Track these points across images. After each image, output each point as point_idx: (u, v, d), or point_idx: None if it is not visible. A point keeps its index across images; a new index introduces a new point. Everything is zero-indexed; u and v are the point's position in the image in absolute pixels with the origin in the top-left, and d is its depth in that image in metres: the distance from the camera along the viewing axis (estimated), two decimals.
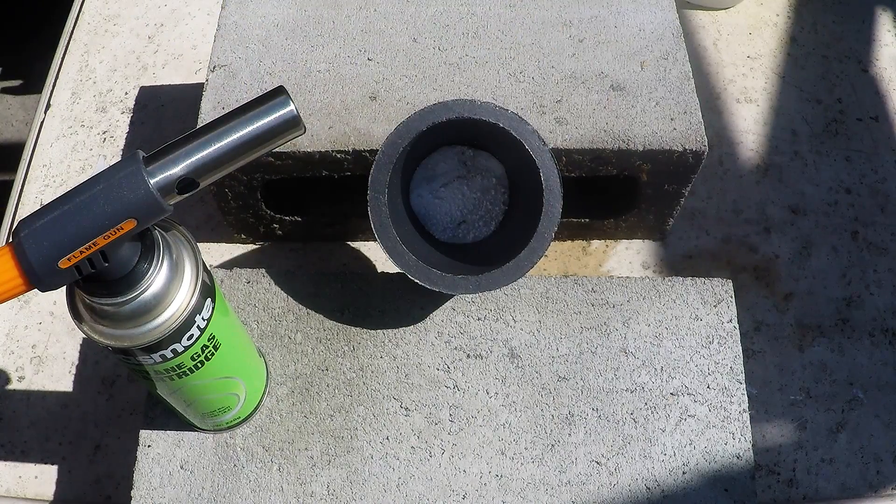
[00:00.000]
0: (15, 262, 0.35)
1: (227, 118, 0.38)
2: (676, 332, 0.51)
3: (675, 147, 0.53)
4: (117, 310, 0.38)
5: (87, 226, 0.36)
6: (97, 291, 0.38)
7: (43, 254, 0.35)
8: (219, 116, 0.38)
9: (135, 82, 0.74)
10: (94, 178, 0.36)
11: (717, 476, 0.47)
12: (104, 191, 0.36)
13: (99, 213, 0.36)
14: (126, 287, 0.38)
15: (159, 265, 0.39)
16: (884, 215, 0.67)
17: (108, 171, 0.36)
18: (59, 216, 0.36)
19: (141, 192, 0.36)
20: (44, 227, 0.35)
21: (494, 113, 0.47)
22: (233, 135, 0.37)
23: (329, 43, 0.57)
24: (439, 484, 0.47)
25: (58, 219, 0.36)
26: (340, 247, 0.65)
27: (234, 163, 0.38)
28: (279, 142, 0.38)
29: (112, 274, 0.37)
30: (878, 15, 0.79)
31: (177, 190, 0.37)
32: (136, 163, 0.36)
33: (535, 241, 0.47)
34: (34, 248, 0.35)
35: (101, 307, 0.38)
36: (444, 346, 0.50)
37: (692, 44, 0.76)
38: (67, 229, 0.36)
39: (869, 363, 0.60)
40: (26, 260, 0.35)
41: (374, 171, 0.47)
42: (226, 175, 0.49)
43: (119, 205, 0.36)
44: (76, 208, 0.36)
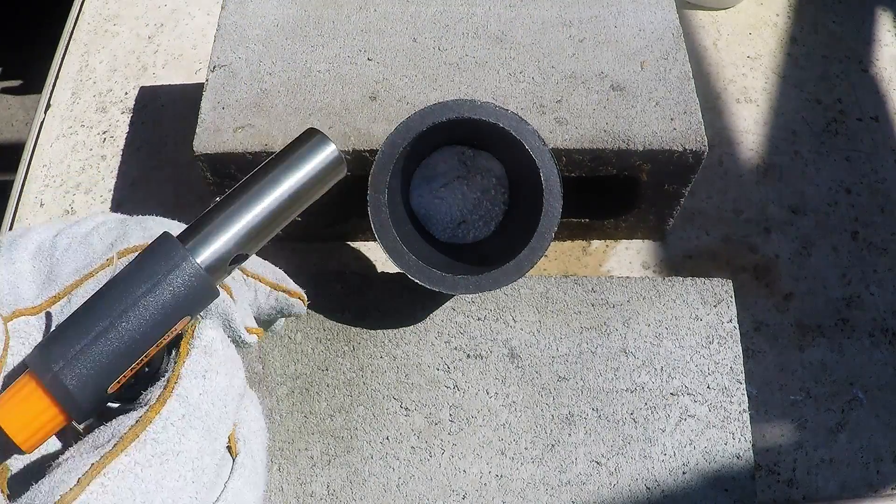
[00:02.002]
0: (52, 401, 0.30)
1: (266, 170, 0.34)
2: (676, 332, 0.51)
3: (675, 147, 0.53)
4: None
5: (139, 340, 0.31)
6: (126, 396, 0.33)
7: (89, 386, 0.30)
8: (254, 171, 0.34)
9: (135, 82, 0.74)
10: (130, 279, 0.31)
11: (717, 476, 0.47)
12: (153, 293, 0.31)
13: (151, 321, 0.31)
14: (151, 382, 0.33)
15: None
16: (884, 215, 0.67)
17: (145, 266, 0.31)
18: (102, 337, 0.30)
19: (197, 285, 0.32)
20: (84, 355, 0.30)
21: (494, 113, 0.47)
22: (277, 190, 0.33)
23: (329, 43, 0.57)
24: (439, 484, 0.47)
25: (100, 341, 0.30)
26: (340, 247, 0.65)
27: (283, 222, 0.34)
28: (324, 189, 0.35)
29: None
30: (878, 15, 0.79)
31: (228, 268, 0.33)
32: (178, 248, 0.32)
33: (535, 241, 0.47)
34: (76, 381, 0.30)
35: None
36: (444, 346, 0.50)
37: (692, 44, 0.76)
38: (116, 350, 0.31)
39: (869, 363, 0.61)
40: (69, 398, 0.30)
41: (374, 171, 0.47)
42: (226, 175, 0.48)
43: (173, 306, 0.31)
44: (121, 323, 0.31)
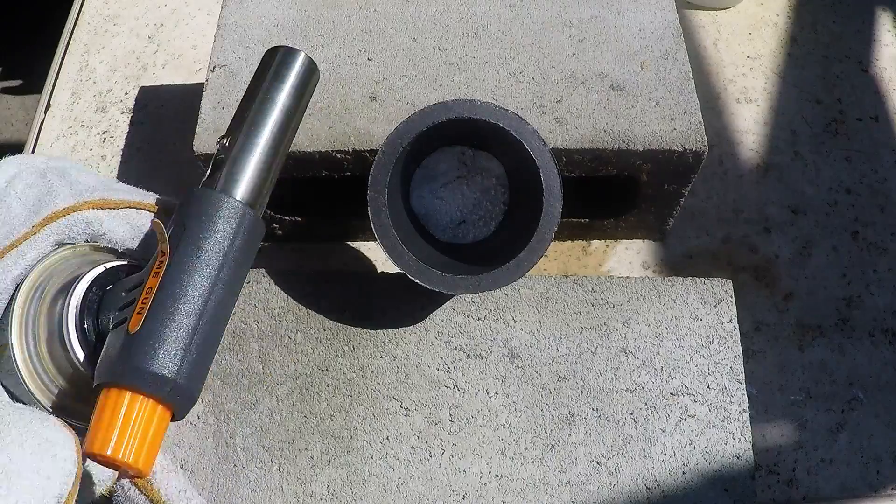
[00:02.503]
0: (169, 411, 0.31)
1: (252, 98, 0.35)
2: (676, 332, 0.51)
3: (675, 147, 0.53)
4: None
5: (227, 312, 0.32)
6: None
7: (201, 377, 0.31)
8: (242, 104, 0.35)
9: (135, 82, 0.74)
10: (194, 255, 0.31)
11: (717, 476, 0.47)
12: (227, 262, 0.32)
13: (232, 290, 0.32)
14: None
15: None
16: (884, 215, 0.67)
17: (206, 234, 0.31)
18: (199, 328, 0.31)
19: (257, 231, 0.33)
20: (190, 353, 0.30)
21: (494, 113, 0.47)
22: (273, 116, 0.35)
23: (329, 43, 0.57)
24: (439, 484, 0.47)
25: (200, 332, 0.31)
26: (340, 247, 0.65)
27: (289, 144, 0.35)
28: (310, 96, 0.36)
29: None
30: (878, 15, 0.79)
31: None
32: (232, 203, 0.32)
33: (535, 241, 0.47)
34: (194, 381, 0.31)
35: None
36: (444, 346, 0.50)
37: (692, 44, 0.76)
38: (214, 332, 0.32)
39: (869, 363, 0.60)
40: (191, 401, 0.31)
41: (374, 171, 0.47)
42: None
43: (245, 264, 0.33)
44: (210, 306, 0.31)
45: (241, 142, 0.34)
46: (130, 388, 0.30)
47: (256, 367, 0.49)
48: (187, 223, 0.32)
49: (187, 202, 0.33)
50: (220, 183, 0.33)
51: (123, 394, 0.30)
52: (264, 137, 0.35)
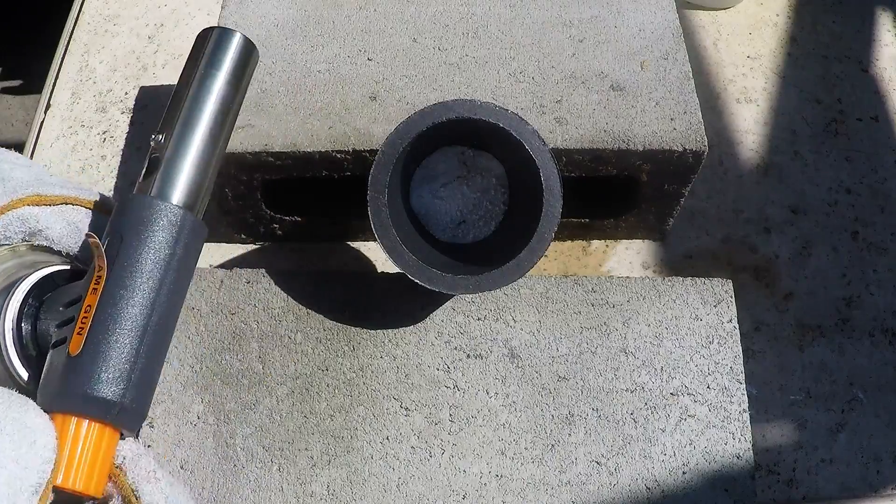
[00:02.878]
0: (118, 433, 0.30)
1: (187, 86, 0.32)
2: (676, 332, 0.50)
3: (675, 147, 0.53)
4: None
5: (173, 319, 0.31)
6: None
7: (150, 394, 0.31)
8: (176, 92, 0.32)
9: (135, 82, 0.74)
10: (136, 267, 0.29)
11: (717, 476, 0.47)
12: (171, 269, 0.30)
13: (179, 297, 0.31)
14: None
15: None
16: (884, 215, 0.67)
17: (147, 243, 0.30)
18: (144, 344, 0.30)
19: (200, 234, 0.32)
20: (137, 371, 0.29)
21: (494, 113, 0.47)
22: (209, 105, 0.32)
23: (329, 43, 0.57)
24: (439, 484, 0.47)
25: (145, 348, 0.30)
26: (340, 247, 0.65)
27: (229, 130, 0.33)
28: (249, 79, 0.33)
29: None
30: (878, 15, 0.79)
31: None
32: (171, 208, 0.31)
33: (535, 241, 0.47)
34: (142, 400, 0.30)
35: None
36: (444, 346, 0.50)
37: (692, 44, 0.76)
38: (161, 344, 0.31)
39: (869, 363, 0.60)
40: (140, 420, 0.31)
41: (374, 171, 0.47)
42: (226, 175, 0.47)
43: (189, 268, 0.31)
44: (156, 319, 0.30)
45: (176, 140, 0.32)
46: (75, 413, 0.29)
47: (256, 367, 0.49)
48: (124, 234, 0.30)
49: (122, 210, 0.31)
50: (155, 187, 0.32)
51: (68, 420, 0.29)
52: (200, 133, 0.32)
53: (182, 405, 0.48)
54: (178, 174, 0.32)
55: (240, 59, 0.33)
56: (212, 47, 0.33)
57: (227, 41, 0.33)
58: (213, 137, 0.32)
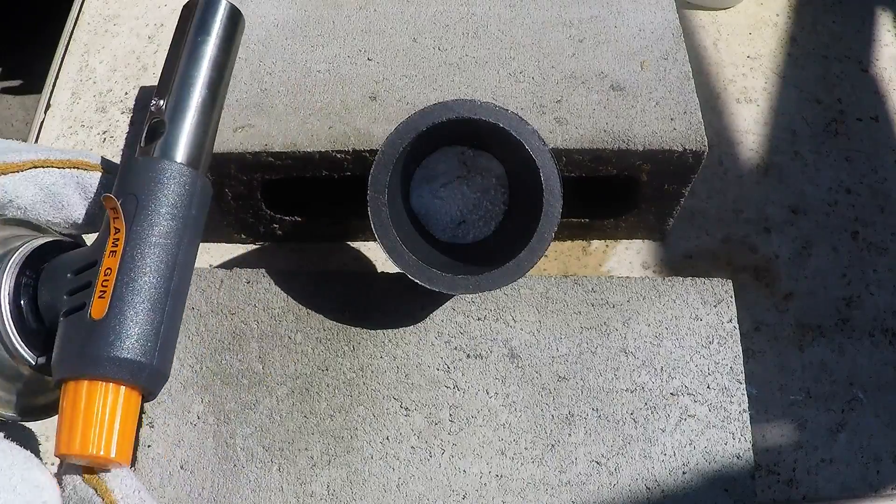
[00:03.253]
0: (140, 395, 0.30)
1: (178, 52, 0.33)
2: (676, 332, 0.50)
3: (675, 147, 0.53)
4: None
5: (187, 284, 0.32)
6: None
7: (171, 355, 0.31)
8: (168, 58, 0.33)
9: (135, 82, 0.74)
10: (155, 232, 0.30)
11: (717, 476, 0.47)
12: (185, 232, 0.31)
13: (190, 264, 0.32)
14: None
15: None
16: (884, 215, 0.67)
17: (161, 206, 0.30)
18: (167, 308, 0.30)
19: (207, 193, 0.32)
20: (159, 335, 0.30)
21: (494, 113, 0.47)
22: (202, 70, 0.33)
23: (329, 43, 0.57)
24: (439, 484, 0.47)
25: (168, 312, 0.30)
26: (340, 247, 0.65)
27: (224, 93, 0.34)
28: (237, 45, 0.34)
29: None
30: (878, 15, 0.79)
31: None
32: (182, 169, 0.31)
33: (535, 241, 0.47)
34: (166, 362, 0.30)
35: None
36: (444, 346, 0.50)
37: (692, 44, 0.76)
38: (179, 308, 0.31)
39: (869, 363, 0.61)
40: (163, 380, 0.31)
41: (374, 171, 0.47)
42: (226, 175, 0.48)
43: (199, 228, 0.32)
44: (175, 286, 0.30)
45: (175, 103, 0.32)
46: (103, 378, 0.29)
47: (256, 367, 0.49)
48: (139, 196, 0.30)
49: (131, 172, 0.31)
50: (159, 149, 0.32)
51: (95, 385, 0.29)
52: (197, 95, 0.33)
53: (182, 405, 0.48)
54: (181, 135, 0.32)
55: (228, 23, 0.34)
56: (200, 14, 0.34)
57: (215, 7, 0.34)
58: (211, 98, 0.33)
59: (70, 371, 0.29)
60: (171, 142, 0.32)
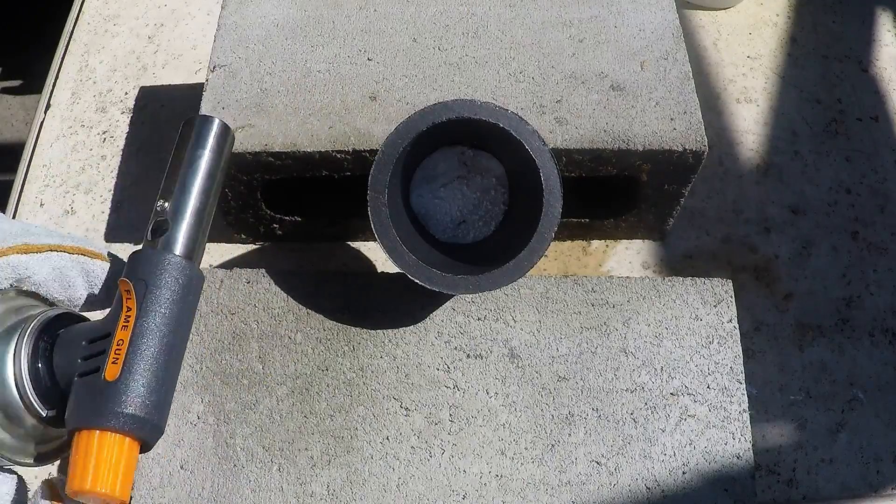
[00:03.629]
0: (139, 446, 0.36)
1: (177, 167, 0.40)
2: (676, 332, 0.50)
3: (675, 147, 0.53)
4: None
5: (181, 352, 0.38)
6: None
7: (165, 423, 0.36)
8: (168, 173, 0.40)
9: (135, 82, 0.74)
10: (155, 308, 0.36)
11: (717, 476, 0.47)
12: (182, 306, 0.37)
13: (186, 329, 0.38)
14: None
15: None
16: (884, 215, 0.67)
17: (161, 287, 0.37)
18: (165, 370, 0.36)
19: (199, 279, 0.39)
20: (159, 393, 0.36)
21: (494, 113, 0.47)
22: (197, 180, 0.40)
23: (329, 43, 0.57)
24: (439, 484, 0.47)
25: (166, 374, 0.36)
26: (340, 247, 0.65)
27: (215, 198, 0.41)
28: (228, 154, 0.42)
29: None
30: (878, 15, 0.79)
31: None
32: (181, 261, 0.38)
33: (535, 241, 0.47)
34: (163, 418, 0.36)
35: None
36: (444, 346, 0.50)
37: (692, 44, 0.76)
38: (175, 371, 0.37)
39: (869, 363, 0.60)
40: (159, 433, 0.36)
41: (374, 171, 0.47)
42: (226, 175, 0.50)
43: (193, 308, 0.39)
44: (172, 353, 0.37)
45: (176, 206, 0.40)
46: (112, 429, 0.34)
47: (256, 367, 0.49)
48: (147, 281, 0.37)
49: (141, 262, 0.38)
50: (164, 243, 0.39)
51: (105, 434, 0.34)
52: (195, 201, 0.40)
53: (182, 405, 0.48)
54: (180, 233, 0.39)
55: (220, 138, 0.41)
56: (197, 130, 0.41)
57: (209, 125, 0.41)
58: (204, 202, 0.41)
59: (84, 422, 0.35)
60: (173, 239, 0.39)
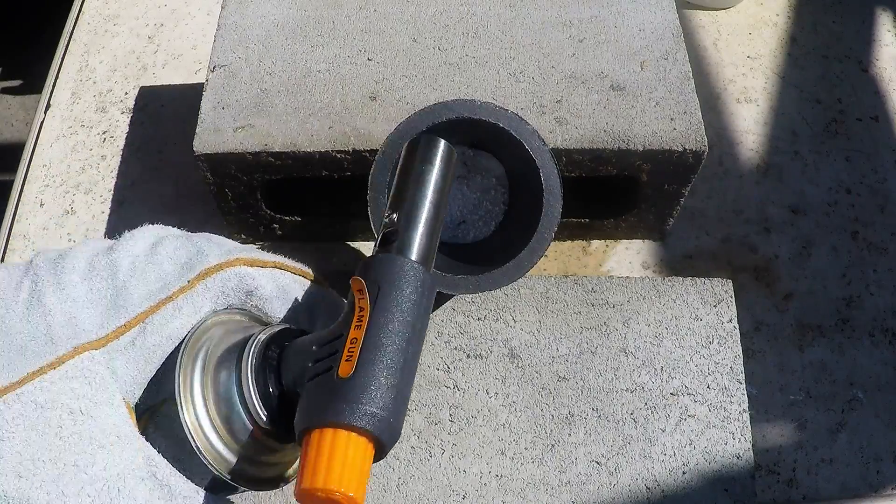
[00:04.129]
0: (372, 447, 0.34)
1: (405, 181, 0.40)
2: (676, 332, 0.50)
3: (675, 147, 0.53)
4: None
5: (417, 359, 0.37)
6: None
7: (401, 426, 0.35)
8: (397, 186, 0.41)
9: (135, 82, 0.74)
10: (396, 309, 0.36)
11: (717, 476, 0.47)
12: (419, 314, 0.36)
13: (420, 339, 0.37)
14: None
15: None
16: (884, 215, 0.67)
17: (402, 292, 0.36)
18: (404, 375, 0.35)
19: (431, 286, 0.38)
20: (398, 396, 0.34)
21: (494, 113, 0.47)
22: (429, 191, 0.40)
23: (329, 43, 0.57)
24: (439, 484, 0.47)
25: (404, 379, 0.35)
26: (340, 247, 0.65)
27: (445, 210, 0.41)
28: (454, 170, 0.42)
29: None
30: (878, 15, 0.79)
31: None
32: (414, 265, 0.37)
33: (535, 241, 0.47)
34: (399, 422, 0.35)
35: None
36: (444, 346, 0.50)
37: (692, 44, 0.76)
38: (410, 377, 0.36)
39: (869, 363, 0.60)
40: (395, 439, 0.35)
41: (374, 171, 0.47)
42: (226, 175, 0.50)
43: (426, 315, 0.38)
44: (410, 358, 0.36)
45: (407, 215, 0.39)
46: (347, 426, 0.33)
47: None
48: (381, 282, 0.36)
49: (374, 265, 0.38)
50: (399, 249, 0.38)
51: (340, 432, 0.33)
52: (427, 208, 0.40)
53: None
54: (414, 239, 0.39)
55: (446, 157, 0.42)
56: (423, 147, 0.41)
57: (436, 145, 0.41)
58: (435, 212, 0.40)
59: (316, 421, 0.33)
60: (407, 244, 0.39)
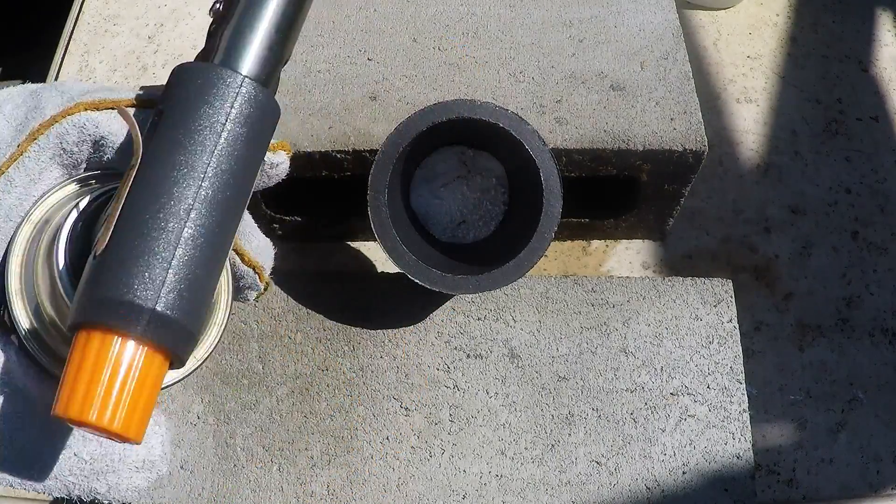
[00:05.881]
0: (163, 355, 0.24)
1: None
2: (676, 332, 0.50)
3: (675, 147, 0.53)
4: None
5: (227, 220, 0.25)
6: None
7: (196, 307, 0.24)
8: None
9: (135, 82, 0.74)
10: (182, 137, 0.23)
11: (717, 476, 0.47)
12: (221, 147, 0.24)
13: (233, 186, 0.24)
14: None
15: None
16: (884, 215, 0.67)
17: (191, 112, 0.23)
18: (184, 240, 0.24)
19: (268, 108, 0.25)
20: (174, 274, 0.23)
21: (494, 113, 0.47)
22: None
23: (329, 43, 0.57)
24: (439, 484, 0.47)
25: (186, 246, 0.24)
26: (340, 247, 0.65)
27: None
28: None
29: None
30: (878, 15, 0.79)
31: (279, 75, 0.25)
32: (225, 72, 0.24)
33: (535, 241, 0.47)
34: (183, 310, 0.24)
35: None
36: (444, 346, 0.50)
37: (692, 44, 0.76)
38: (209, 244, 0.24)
39: (869, 363, 0.60)
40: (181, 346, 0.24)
41: (374, 171, 0.47)
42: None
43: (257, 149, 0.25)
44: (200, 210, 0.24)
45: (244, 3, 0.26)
46: (100, 326, 0.23)
47: (256, 367, 0.49)
48: (165, 109, 0.24)
49: (171, 83, 0.24)
50: (216, 55, 0.25)
51: (94, 336, 0.23)
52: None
53: (182, 405, 0.48)
54: (244, 39, 0.25)
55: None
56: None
57: None
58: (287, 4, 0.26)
59: (70, 316, 0.24)
60: (232, 48, 0.25)
